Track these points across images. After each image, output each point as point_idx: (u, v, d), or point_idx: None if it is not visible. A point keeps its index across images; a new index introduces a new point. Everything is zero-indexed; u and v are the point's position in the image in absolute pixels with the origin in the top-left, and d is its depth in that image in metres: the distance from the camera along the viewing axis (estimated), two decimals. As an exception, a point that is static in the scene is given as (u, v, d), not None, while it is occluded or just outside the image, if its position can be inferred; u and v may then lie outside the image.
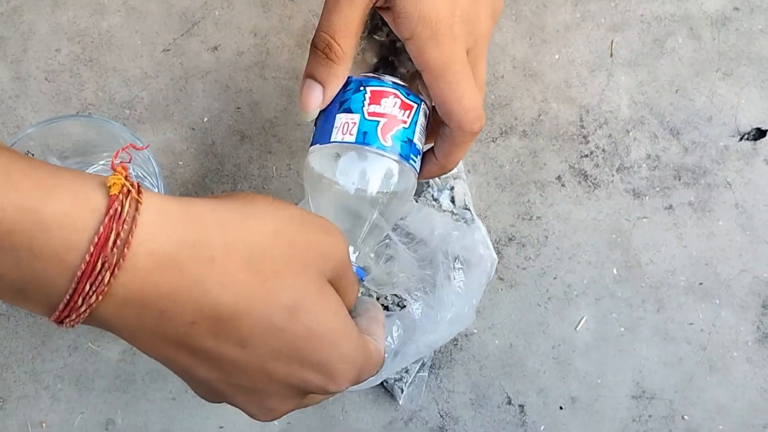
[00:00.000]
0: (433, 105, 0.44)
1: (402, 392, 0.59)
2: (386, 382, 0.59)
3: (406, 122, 0.43)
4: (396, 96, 0.43)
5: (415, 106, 0.43)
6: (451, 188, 0.58)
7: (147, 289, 0.30)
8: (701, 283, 0.62)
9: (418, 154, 0.44)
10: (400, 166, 0.43)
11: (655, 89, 0.64)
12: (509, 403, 0.60)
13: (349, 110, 0.42)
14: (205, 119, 0.62)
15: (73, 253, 0.28)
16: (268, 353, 0.33)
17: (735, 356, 0.61)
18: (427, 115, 0.45)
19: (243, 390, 0.35)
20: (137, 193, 0.30)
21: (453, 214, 0.58)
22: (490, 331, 0.61)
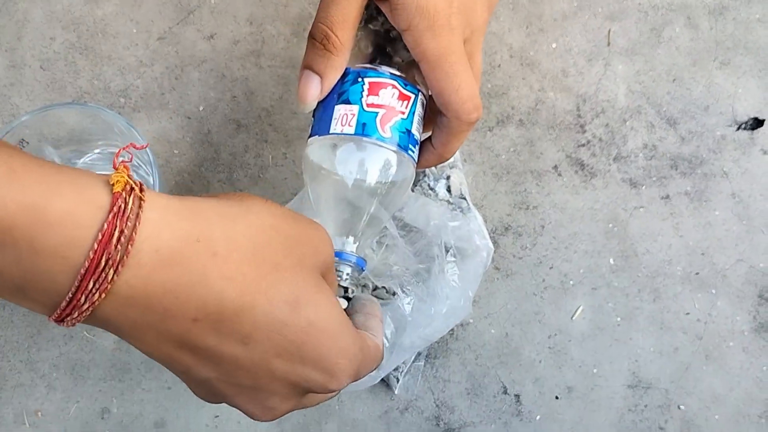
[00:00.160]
0: (431, 95, 0.44)
1: (398, 382, 0.59)
2: (382, 371, 0.59)
3: (404, 113, 0.43)
4: (394, 87, 0.43)
5: (413, 97, 0.43)
6: (448, 177, 0.58)
7: (150, 286, 0.30)
8: (697, 273, 0.62)
9: (416, 144, 0.44)
10: (399, 157, 0.43)
11: (652, 78, 0.64)
12: (505, 393, 0.60)
13: (348, 101, 0.42)
14: (201, 108, 0.61)
15: (77, 249, 0.28)
16: (270, 350, 0.33)
17: (731, 346, 0.61)
18: (424, 105, 0.45)
19: (244, 389, 0.35)
20: (140, 191, 0.30)
21: (449, 203, 0.57)
22: (486, 321, 0.61)
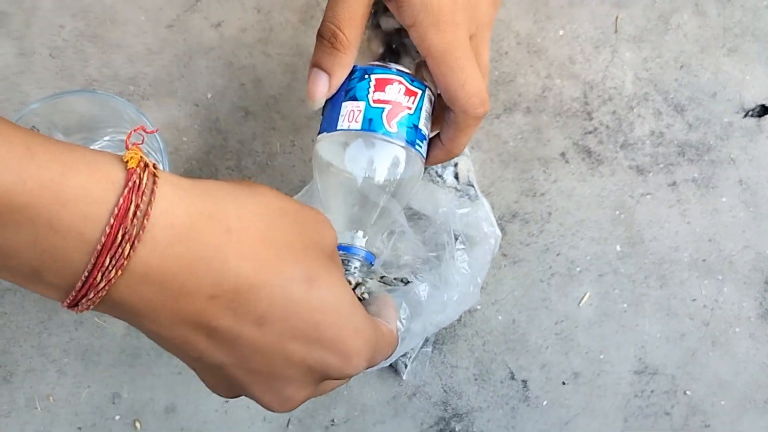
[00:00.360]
0: (439, 93, 0.44)
1: (406, 367, 0.59)
2: (390, 357, 0.59)
3: (411, 108, 0.43)
4: (400, 83, 0.43)
5: (420, 92, 0.43)
6: (455, 164, 0.58)
7: (166, 262, 0.30)
8: (704, 260, 0.62)
9: (424, 139, 0.44)
10: (407, 152, 0.43)
11: (660, 65, 0.64)
12: (512, 379, 0.60)
13: (355, 98, 0.43)
14: (209, 95, 0.62)
15: (92, 225, 0.28)
16: (285, 331, 0.33)
17: (737, 332, 0.62)
18: (432, 101, 0.45)
19: (259, 377, 0.35)
20: (154, 168, 0.30)
21: (457, 190, 0.58)
22: (494, 307, 0.61)
